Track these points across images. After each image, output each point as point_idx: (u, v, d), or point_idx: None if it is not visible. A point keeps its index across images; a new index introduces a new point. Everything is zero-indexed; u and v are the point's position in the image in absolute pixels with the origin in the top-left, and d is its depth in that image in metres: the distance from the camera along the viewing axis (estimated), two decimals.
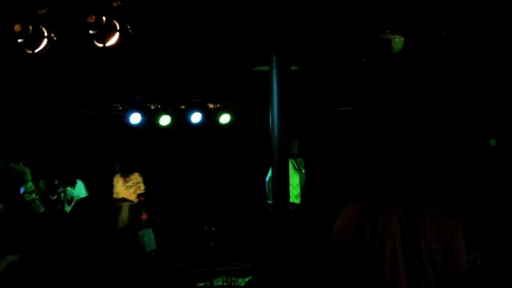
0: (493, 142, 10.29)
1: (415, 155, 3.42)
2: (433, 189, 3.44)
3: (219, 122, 11.37)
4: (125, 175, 10.17)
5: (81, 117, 11.37)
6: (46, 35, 7.23)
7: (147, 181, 11.45)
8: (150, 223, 9.66)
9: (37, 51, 7.27)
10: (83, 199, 4.03)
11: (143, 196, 10.03)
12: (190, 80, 10.26)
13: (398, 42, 7.46)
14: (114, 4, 6.95)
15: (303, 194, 10.09)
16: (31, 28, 7.14)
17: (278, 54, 7.60)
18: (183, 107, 11.33)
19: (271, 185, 9.50)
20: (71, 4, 7.04)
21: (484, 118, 10.03)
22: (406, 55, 7.66)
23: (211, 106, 11.41)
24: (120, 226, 4.25)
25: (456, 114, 9.98)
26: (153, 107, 11.22)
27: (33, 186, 8.28)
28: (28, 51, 7.29)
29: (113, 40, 7.04)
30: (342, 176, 10.07)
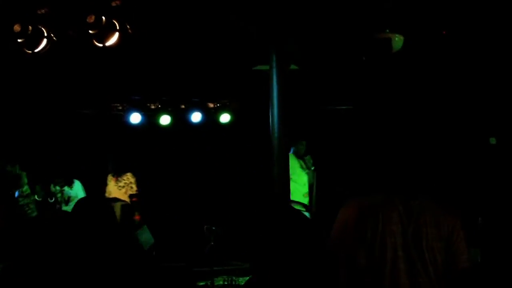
0: (493, 141, 10.28)
1: (415, 154, 3.42)
2: (433, 188, 3.44)
3: (219, 122, 11.36)
4: (117, 175, 10.08)
5: (81, 117, 11.36)
6: (46, 35, 7.23)
7: (147, 180, 11.43)
8: (144, 222, 9.59)
9: (36, 51, 7.27)
10: (82, 200, 4.02)
11: (135, 197, 9.94)
12: (190, 80, 10.25)
13: (397, 41, 7.46)
14: (114, 4, 6.95)
15: (316, 192, 9.96)
16: (30, 28, 7.14)
17: (278, 53, 7.60)
18: (183, 106, 11.32)
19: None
20: (70, 4, 7.04)
21: (484, 116, 10.02)
22: (406, 54, 7.67)
23: (211, 105, 11.39)
24: None
25: (456, 112, 9.97)
26: (153, 107, 11.21)
27: (28, 190, 8.28)
28: (27, 51, 7.29)
29: (113, 40, 7.04)
30: (341, 175, 10.05)
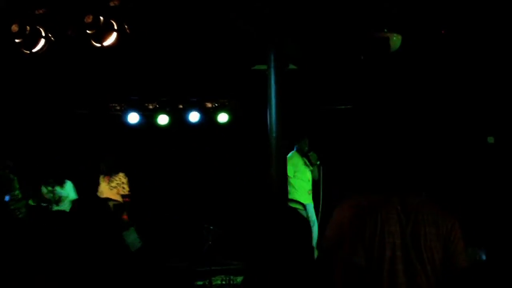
0: (491, 140, 10.28)
1: (413, 153, 3.42)
2: (431, 187, 3.44)
3: (217, 121, 11.36)
4: (109, 175, 10.04)
5: (79, 117, 11.35)
6: (44, 35, 7.23)
7: (145, 180, 11.44)
8: (133, 222, 9.56)
9: (34, 51, 7.26)
10: (79, 200, 4.01)
11: (127, 197, 9.93)
12: (188, 79, 10.25)
13: (396, 40, 7.45)
14: (112, 4, 6.94)
15: (322, 187, 9.90)
16: (28, 28, 7.13)
17: (276, 53, 7.59)
18: (181, 106, 11.32)
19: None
20: (68, 4, 7.04)
21: (482, 115, 10.03)
22: (404, 54, 7.67)
23: (209, 105, 11.40)
24: None
25: (454, 111, 9.97)
26: (151, 107, 11.21)
27: (20, 194, 8.29)
28: (25, 51, 7.28)
29: (111, 40, 7.03)
30: (339, 175, 10.04)
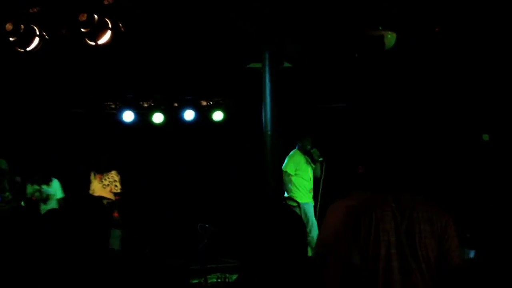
0: (486, 137, 10.29)
1: (407, 151, 3.42)
2: (426, 185, 3.44)
3: (212, 120, 11.36)
4: (102, 173, 10.00)
5: (73, 115, 11.33)
6: (38, 33, 7.22)
7: (140, 179, 11.43)
8: (121, 223, 9.53)
9: (29, 49, 7.25)
10: (76, 199, 4.01)
11: (119, 195, 9.90)
12: (183, 78, 10.24)
13: (390, 38, 7.46)
14: (106, 2, 6.93)
15: (322, 185, 9.88)
16: (22, 26, 7.12)
17: (271, 51, 7.60)
18: (176, 104, 11.31)
19: (284, 178, 9.57)
20: (62, 3, 7.03)
21: (477, 113, 10.04)
22: (399, 51, 7.67)
23: (204, 103, 11.39)
24: None
25: (449, 109, 9.98)
26: (146, 105, 11.19)
27: (10, 196, 8.28)
28: (20, 49, 7.27)
29: (105, 38, 7.02)
30: (335, 173, 10.02)
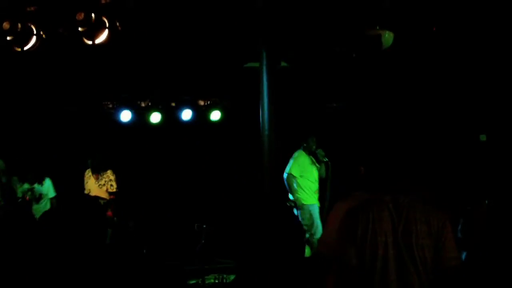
0: (483, 138, 10.30)
1: (404, 151, 3.42)
2: (423, 185, 3.44)
3: (210, 119, 11.35)
4: (98, 173, 10.00)
5: (71, 115, 11.32)
6: (35, 32, 7.21)
7: (138, 178, 11.42)
8: (114, 222, 9.53)
9: (26, 48, 7.24)
10: (74, 199, 4.00)
11: (113, 194, 9.91)
12: (181, 77, 10.23)
13: (388, 37, 7.46)
14: (103, 1, 6.92)
15: (330, 186, 9.86)
16: (20, 25, 7.11)
17: (268, 51, 7.60)
18: (173, 104, 11.30)
19: (289, 180, 9.60)
20: (60, 2, 7.02)
21: (474, 113, 10.04)
22: (396, 51, 7.67)
23: (202, 103, 11.39)
24: None
25: (446, 109, 9.98)
26: (143, 105, 11.19)
27: (2, 201, 8.33)
28: (17, 48, 7.26)
29: (103, 37, 7.02)
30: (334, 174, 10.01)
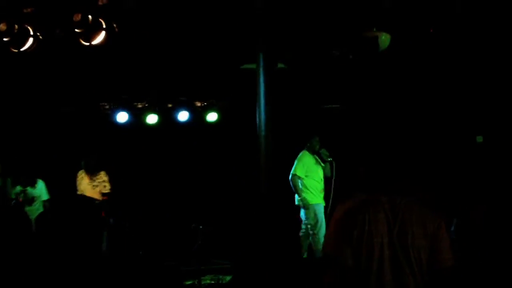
0: (480, 139, 10.32)
1: (401, 153, 3.43)
2: (419, 186, 3.44)
3: (206, 120, 11.36)
4: (91, 174, 9.99)
5: (68, 116, 11.31)
6: (32, 33, 7.21)
7: (134, 179, 11.42)
8: (107, 223, 9.52)
9: (23, 49, 7.24)
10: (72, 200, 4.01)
11: (107, 195, 9.91)
12: (177, 78, 10.24)
13: (384, 39, 7.47)
14: (100, 3, 6.93)
15: (334, 186, 9.88)
16: (16, 27, 7.11)
17: (265, 52, 7.60)
18: (170, 105, 11.30)
19: (295, 181, 9.64)
20: (56, 3, 7.02)
21: (471, 115, 10.06)
22: (393, 53, 7.68)
23: (199, 104, 11.39)
24: None
25: (443, 110, 10.00)
26: (140, 106, 11.18)
27: None
28: (13, 49, 7.26)
29: (99, 39, 7.02)
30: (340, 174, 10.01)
